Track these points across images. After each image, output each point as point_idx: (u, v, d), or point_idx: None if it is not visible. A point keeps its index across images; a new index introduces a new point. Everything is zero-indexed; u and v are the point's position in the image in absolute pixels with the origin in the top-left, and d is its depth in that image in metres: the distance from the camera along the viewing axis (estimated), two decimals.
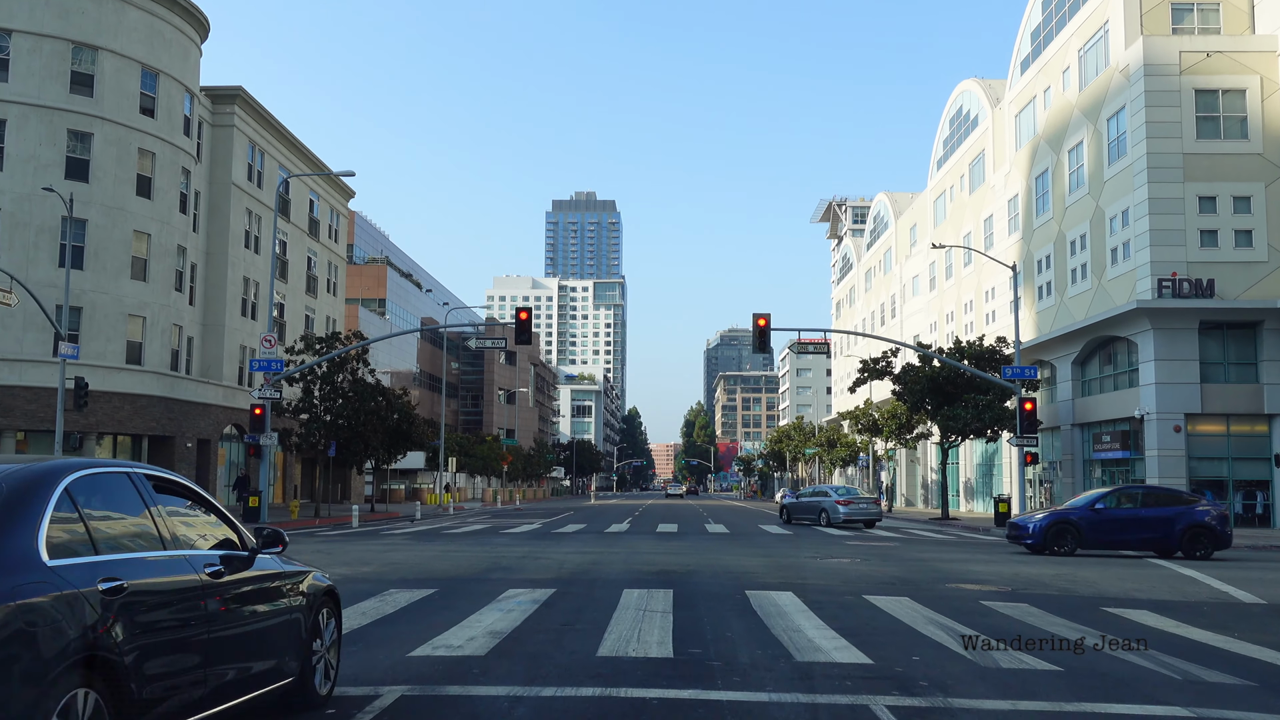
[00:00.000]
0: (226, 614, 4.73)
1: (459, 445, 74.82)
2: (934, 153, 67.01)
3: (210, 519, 5.18)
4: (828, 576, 15.39)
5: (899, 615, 10.82)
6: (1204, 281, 35.64)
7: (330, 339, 41.44)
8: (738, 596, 12.37)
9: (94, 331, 35.51)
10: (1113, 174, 39.32)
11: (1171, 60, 36.84)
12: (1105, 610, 11.90)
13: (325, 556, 18.45)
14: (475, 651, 8.15)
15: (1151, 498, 22.60)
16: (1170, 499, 22.53)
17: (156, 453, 38.85)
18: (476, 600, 11.75)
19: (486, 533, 28.35)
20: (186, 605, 4.40)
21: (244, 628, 4.93)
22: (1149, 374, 36.62)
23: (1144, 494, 22.94)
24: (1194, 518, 21.36)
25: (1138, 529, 21.51)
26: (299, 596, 5.65)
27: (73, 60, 35.29)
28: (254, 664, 5.00)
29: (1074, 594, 13.73)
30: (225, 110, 44.31)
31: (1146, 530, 21.44)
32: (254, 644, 5.05)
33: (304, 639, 5.65)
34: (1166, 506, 21.88)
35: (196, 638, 4.43)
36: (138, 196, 36.85)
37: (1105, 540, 21.57)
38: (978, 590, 13.77)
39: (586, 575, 15.03)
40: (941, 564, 18.37)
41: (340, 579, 14.26)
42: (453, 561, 17.45)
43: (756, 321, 33.15)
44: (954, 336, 55.06)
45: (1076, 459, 43.57)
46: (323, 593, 6.05)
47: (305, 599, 5.74)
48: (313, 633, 5.80)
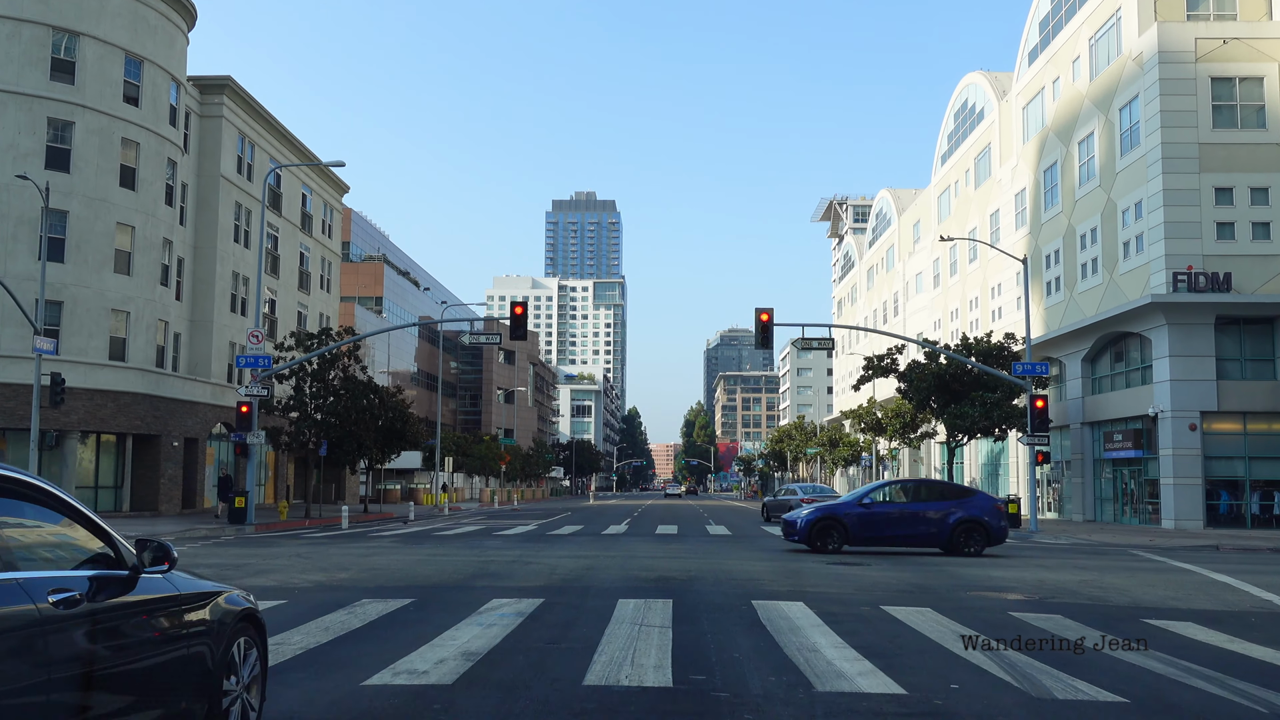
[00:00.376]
0: (87, 654, 3.61)
1: (456, 445, 73.71)
2: (938, 147, 65.89)
3: (73, 531, 4.04)
4: (839, 583, 14.29)
5: (924, 630, 9.71)
6: (1220, 275, 34.53)
7: (322, 335, 40.33)
8: (744, 607, 11.27)
9: (75, 327, 34.40)
10: (1125, 165, 38.21)
11: (1187, 47, 35.74)
12: (1147, 623, 10.81)
13: (302, 561, 17.34)
14: (441, 679, 7.02)
15: (925, 492, 21.67)
16: (945, 493, 21.55)
17: (141, 452, 37.76)
18: (456, 612, 10.65)
19: (479, 535, 27.25)
20: (17, 646, 3.30)
21: (116, 668, 3.81)
22: (1163, 370, 35.52)
23: (916, 488, 21.95)
24: (966, 512, 20.51)
25: (909, 524, 20.67)
26: (203, 625, 4.53)
27: (53, 46, 34.18)
28: (135, 715, 3.90)
29: (1106, 602, 12.66)
30: (214, 101, 43.19)
31: (918, 526, 20.63)
32: (133, 689, 3.93)
33: (211, 677, 4.53)
34: (940, 501, 21.01)
35: (31, 687, 3.31)
36: (121, 187, 35.74)
37: (873, 536, 20.69)
38: (1002, 599, 12.68)
39: (579, 582, 13.93)
40: (957, 569, 17.28)
41: (311, 587, 13.18)
42: (437, 567, 16.34)
43: (759, 316, 32.10)
44: (959, 334, 54.01)
45: (1086, 459, 42.47)
46: (238, 618, 4.90)
47: (214, 627, 4.62)
48: (224, 668, 4.67)
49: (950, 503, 20.90)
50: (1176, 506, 34.56)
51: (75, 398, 33.94)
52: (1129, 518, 39.03)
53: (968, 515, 20.45)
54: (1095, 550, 23.90)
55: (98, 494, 36.50)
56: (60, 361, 32.56)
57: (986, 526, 20.50)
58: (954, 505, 20.76)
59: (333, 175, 57.16)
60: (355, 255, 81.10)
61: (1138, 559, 20.73)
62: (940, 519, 20.53)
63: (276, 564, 16.80)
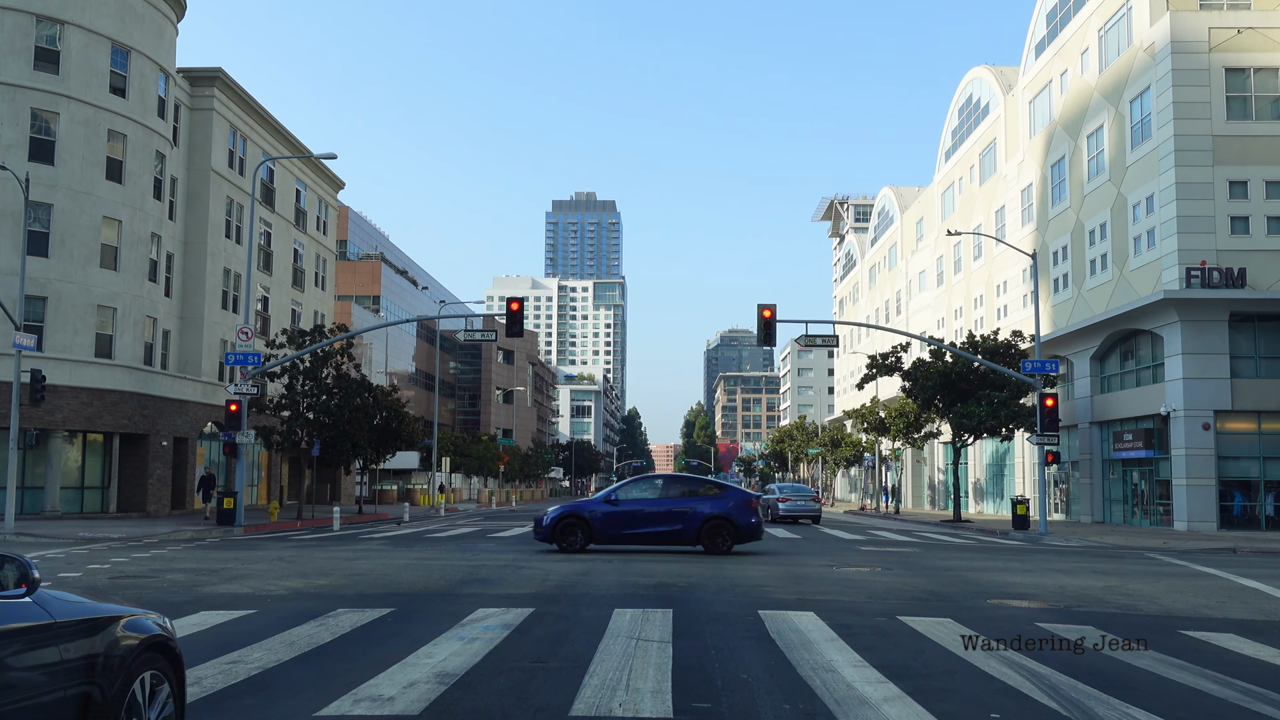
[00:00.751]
0: None
1: (453, 445, 72.82)
2: (941, 144, 65.02)
3: None
4: (850, 590, 13.43)
5: (949, 645, 8.85)
6: (1235, 271, 33.67)
7: (314, 332, 39.43)
8: (750, 618, 10.40)
9: (60, 323, 33.51)
10: (1136, 158, 37.34)
11: (1200, 37, 34.89)
12: (1184, 634, 9.99)
13: (283, 565, 16.47)
14: (408, 708, 6.14)
15: (677, 489, 20.79)
16: (696, 490, 20.74)
17: (129, 452, 36.87)
18: (437, 624, 9.79)
19: (473, 537, 26.38)
20: None
21: None
22: (1176, 368, 34.65)
23: (667, 485, 21.02)
24: (715, 509, 19.89)
25: (656, 522, 20.03)
26: (87, 660, 3.67)
27: (37, 35, 33.29)
28: None
29: (1137, 611, 11.82)
30: (204, 93, 42.29)
31: (665, 523, 20.00)
32: None
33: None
34: (690, 498, 20.28)
35: None
36: (108, 180, 34.84)
37: (619, 535, 20.07)
38: (1026, 608, 11.83)
39: (573, 590, 13.06)
40: (972, 573, 16.43)
41: (286, 595, 12.31)
42: (424, 572, 15.47)
43: (762, 313, 31.30)
44: (963, 332, 53.13)
45: (1095, 459, 41.60)
46: (142, 648, 4.02)
47: (105, 661, 3.76)
48: (122, 710, 3.81)
49: (701, 500, 20.25)
50: (1189, 508, 33.69)
51: (60, 396, 33.07)
52: (1139, 519, 38.16)
53: (716, 512, 19.90)
54: (1110, 553, 23.07)
55: (84, 495, 35.63)
56: (44, 359, 31.69)
57: (735, 524, 19.94)
58: (704, 502, 20.15)
59: (327, 170, 56.29)
60: (354, 255, 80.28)
61: (1157, 562, 19.89)
62: (689, 516, 19.93)
63: (256, 568, 15.94)
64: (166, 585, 13.42)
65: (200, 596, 12.09)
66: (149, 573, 15.24)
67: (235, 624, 9.80)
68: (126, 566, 16.33)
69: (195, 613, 10.51)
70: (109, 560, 17.58)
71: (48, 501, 33.47)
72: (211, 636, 8.96)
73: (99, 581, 13.98)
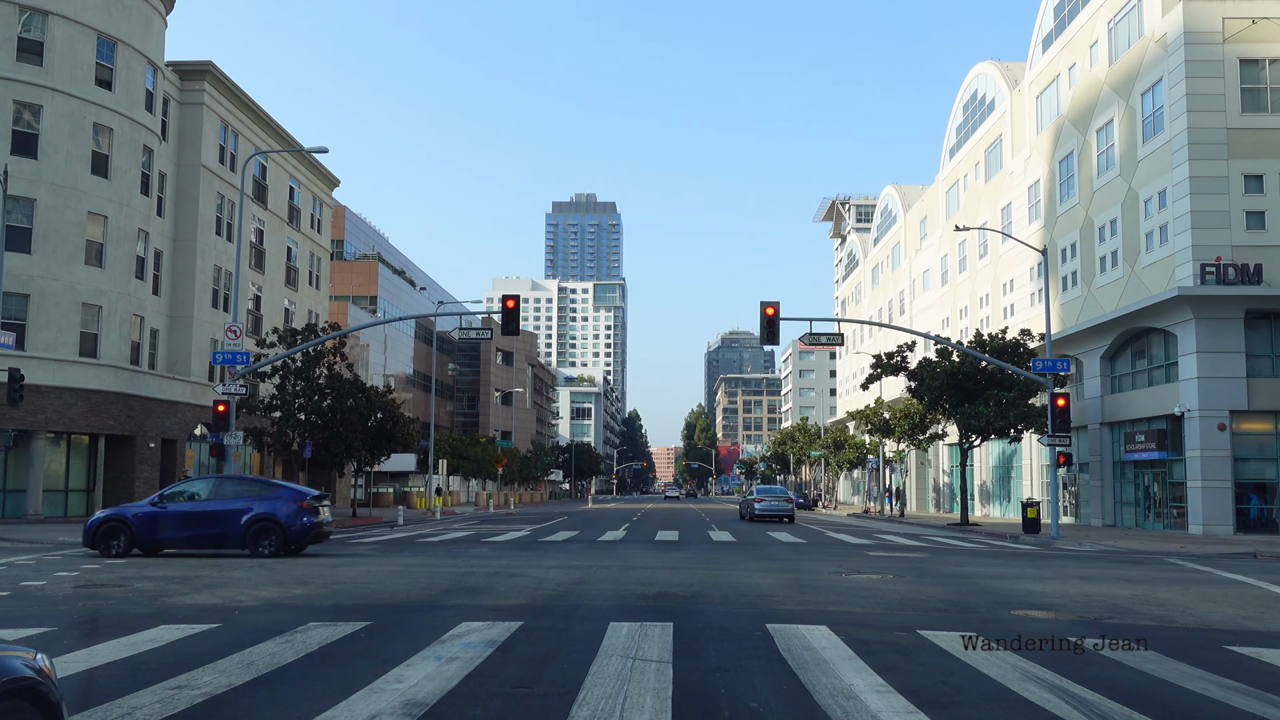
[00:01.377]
0: None
1: (451, 447, 71.90)
2: (945, 141, 64.15)
3: None
4: (864, 601, 12.54)
5: (979, 666, 7.94)
6: (1250, 267, 32.78)
7: (306, 330, 38.57)
8: (758, 633, 9.51)
9: (43, 321, 32.64)
10: (1148, 153, 36.46)
11: (1214, 28, 34.01)
12: (1233, 650, 9.11)
13: (261, 573, 15.57)
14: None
15: (228, 489, 19.84)
16: (247, 490, 19.84)
17: (115, 453, 35.98)
18: (414, 640, 8.90)
19: (466, 541, 25.49)
20: None
21: None
22: (1190, 367, 33.75)
23: (220, 485, 20.09)
24: (262, 510, 18.94)
25: (202, 524, 19.11)
26: None
27: (20, 25, 32.44)
28: None
29: (1172, 623, 10.93)
30: (194, 87, 41.42)
31: (210, 526, 19.08)
32: None
33: None
34: (239, 499, 19.31)
35: None
36: (93, 175, 33.99)
37: (164, 539, 19.17)
38: (1053, 620, 10.94)
39: (567, 600, 12.16)
40: (989, 580, 15.53)
41: (257, 606, 11.42)
42: (410, 580, 14.57)
43: (765, 311, 30.43)
44: (970, 331, 52.25)
45: (1106, 460, 40.68)
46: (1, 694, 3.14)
47: None
48: None
49: (250, 500, 19.29)
50: (1205, 511, 32.79)
51: (43, 396, 32.21)
52: (1152, 522, 37.24)
53: (261, 513, 18.94)
54: (1129, 559, 22.16)
55: (68, 497, 34.74)
56: (25, 358, 30.84)
57: (282, 526, 18.95)
58: (253, 503, 19.18)
59: (322, 168, 55.42)
60: (351, 255, 79.42)
61: (1180, 569, 18.99)
62: (234, 518, 19.00)
63: (231, 576, 15.05)
64: (132, 595, 12.53)
65: (164, 608, 11.20)
66: (117, 581, 14.36)
67: (193, 640, 8.92)
68: (97, 574, 15.45)
69: (154, 626, 9.64)
70: (80, 567, 16.71)
71: (29, 505, 32.60)
72: (162, 656, 8.08)
73: (62, 590, 13.11)
